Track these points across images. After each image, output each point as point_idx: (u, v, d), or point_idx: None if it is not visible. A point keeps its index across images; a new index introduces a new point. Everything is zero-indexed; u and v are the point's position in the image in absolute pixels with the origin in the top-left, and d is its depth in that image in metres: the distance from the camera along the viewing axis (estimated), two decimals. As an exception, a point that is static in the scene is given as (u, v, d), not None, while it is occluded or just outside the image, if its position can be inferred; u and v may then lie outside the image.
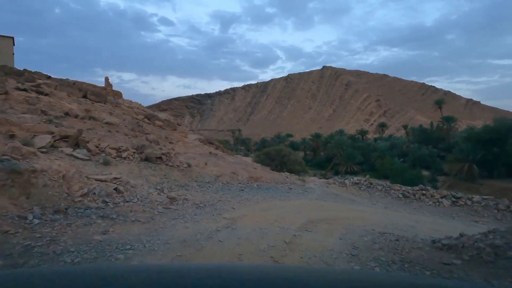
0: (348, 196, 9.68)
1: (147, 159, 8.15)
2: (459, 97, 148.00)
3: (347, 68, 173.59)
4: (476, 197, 9.55)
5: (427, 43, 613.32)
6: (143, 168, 8.09)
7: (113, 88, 29.10)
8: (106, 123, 10.74)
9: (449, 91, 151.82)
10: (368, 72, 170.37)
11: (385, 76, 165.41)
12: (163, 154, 8.00)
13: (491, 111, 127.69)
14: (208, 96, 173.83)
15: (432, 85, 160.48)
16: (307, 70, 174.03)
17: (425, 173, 31.83)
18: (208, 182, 8.91)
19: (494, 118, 30.26)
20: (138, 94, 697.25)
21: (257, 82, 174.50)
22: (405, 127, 45.40)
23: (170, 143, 12.21)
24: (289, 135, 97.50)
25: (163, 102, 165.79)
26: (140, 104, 30.06)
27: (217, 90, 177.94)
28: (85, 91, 19.00)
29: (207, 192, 8.11)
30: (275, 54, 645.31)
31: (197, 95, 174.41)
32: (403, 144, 42.09)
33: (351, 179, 11.86)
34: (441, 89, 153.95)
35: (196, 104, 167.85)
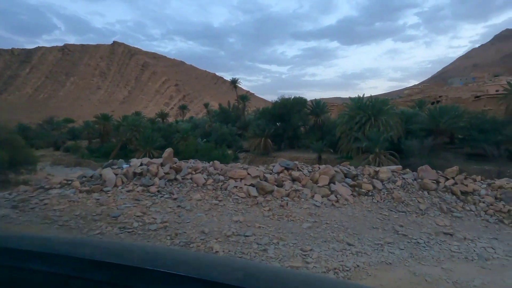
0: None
1: None
2: (241, 88, 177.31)
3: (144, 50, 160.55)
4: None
5: (216, 42, 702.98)
6: None
7: None
8: None
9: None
10: (165, 57, 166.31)
11: (182, 63, 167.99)
12: None
13: (262, 101, 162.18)
14: None
15: (222, 76, 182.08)
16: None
17: (229, 151, 30.85)
18: None
19: (280, 97, 33.09)
20: None
21: (13, 48, 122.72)
22: (206, 105, 43.50)
23: None
24: (69, 120, 75.59)
25: None
26: None
27: None
28: None
29: None
30: (51, 22, 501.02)
31: None
32: (206, 124, 39.97)
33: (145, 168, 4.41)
34: (228, 80, 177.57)
35: None
